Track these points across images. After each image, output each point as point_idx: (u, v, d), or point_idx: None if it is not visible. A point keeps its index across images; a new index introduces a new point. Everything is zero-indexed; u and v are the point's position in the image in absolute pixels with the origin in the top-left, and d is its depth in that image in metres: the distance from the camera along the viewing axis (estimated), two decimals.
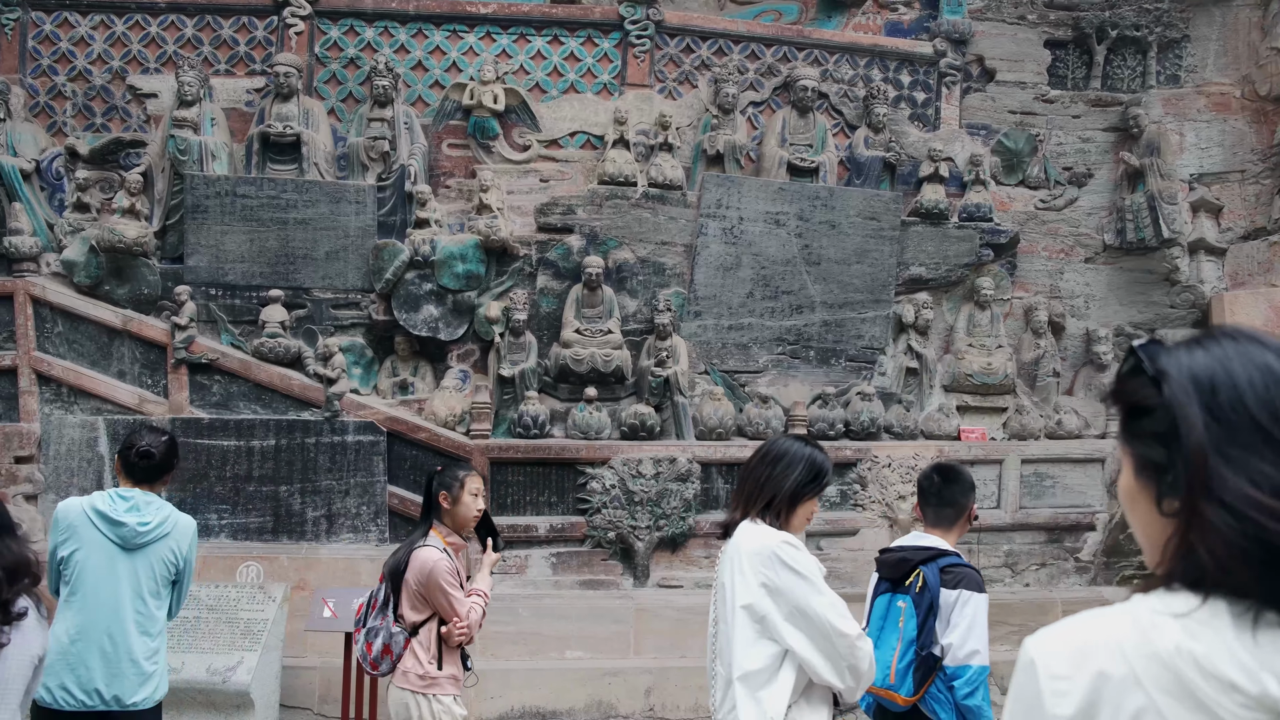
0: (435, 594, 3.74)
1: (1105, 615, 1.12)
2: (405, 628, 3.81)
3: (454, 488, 3.94)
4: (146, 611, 3.57)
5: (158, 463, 3.71)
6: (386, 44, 7.37)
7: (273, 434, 6.74)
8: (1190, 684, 1.02)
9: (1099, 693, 1.07)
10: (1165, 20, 8.29)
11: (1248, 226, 8.08)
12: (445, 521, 3.96)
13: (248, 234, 6.88)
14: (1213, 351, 1.12)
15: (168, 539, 3.65)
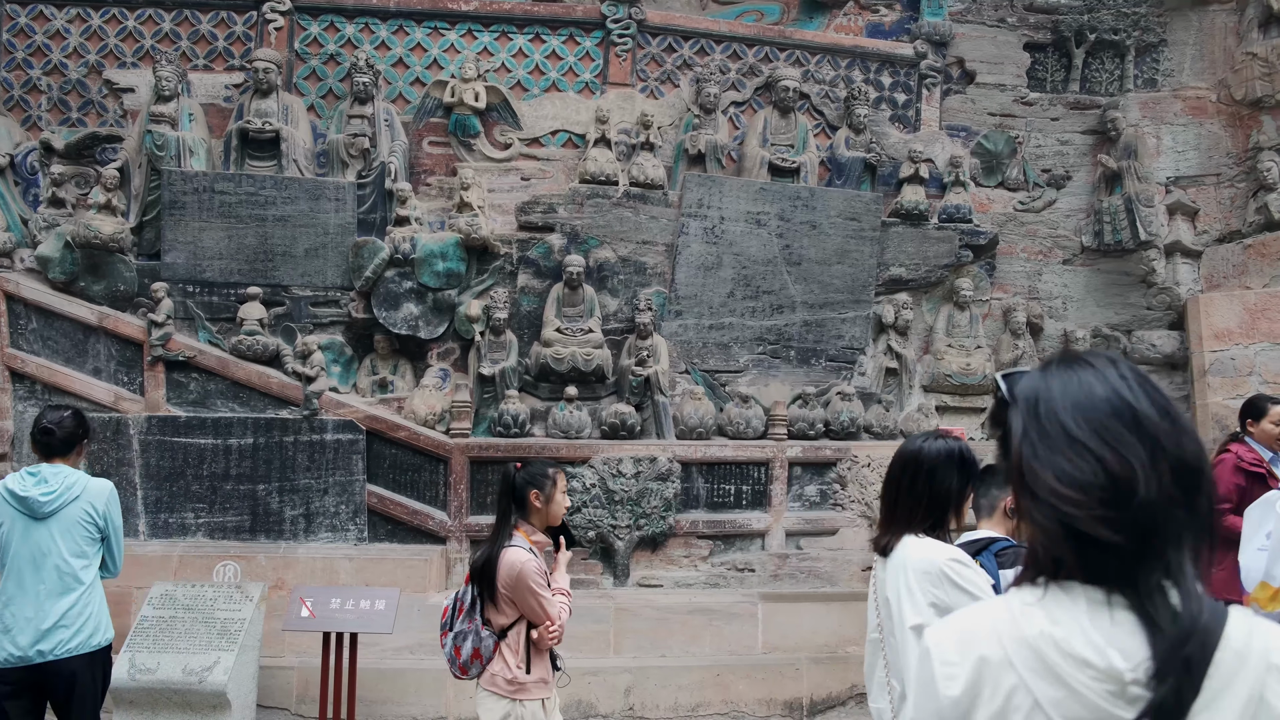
0: (525, 596, 3.63)
1: (987, 607, 1.30)
2: (494, 631, 3.71)
3: (546, 486, 3.81)
4: (71, 571, 3.91)
5: (60, 437, 4.02)
6: (367, 40, 7.33)
7: (251, 432, 6.69)
8: (1051, 663, 1.19)
9: (980, 674, 1.24)
10: (1143, 24, 8.36)
11: (1223, 229, 8.16)
12: (532, 520, 3.83)
13: (226, 231, 6.83)
14: (1047, 373, 1.34)
15: (78, 502, 3.96)
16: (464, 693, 6.18)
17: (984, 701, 1.23)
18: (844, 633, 6.93)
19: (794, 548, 7.31)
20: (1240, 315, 7.57)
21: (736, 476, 7.26)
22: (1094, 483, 1.23)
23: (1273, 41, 7.81)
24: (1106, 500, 1.22)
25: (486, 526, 6.81)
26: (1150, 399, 1.27)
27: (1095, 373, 1.30)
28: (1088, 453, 1.24)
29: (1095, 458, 1.24)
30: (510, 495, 3.83)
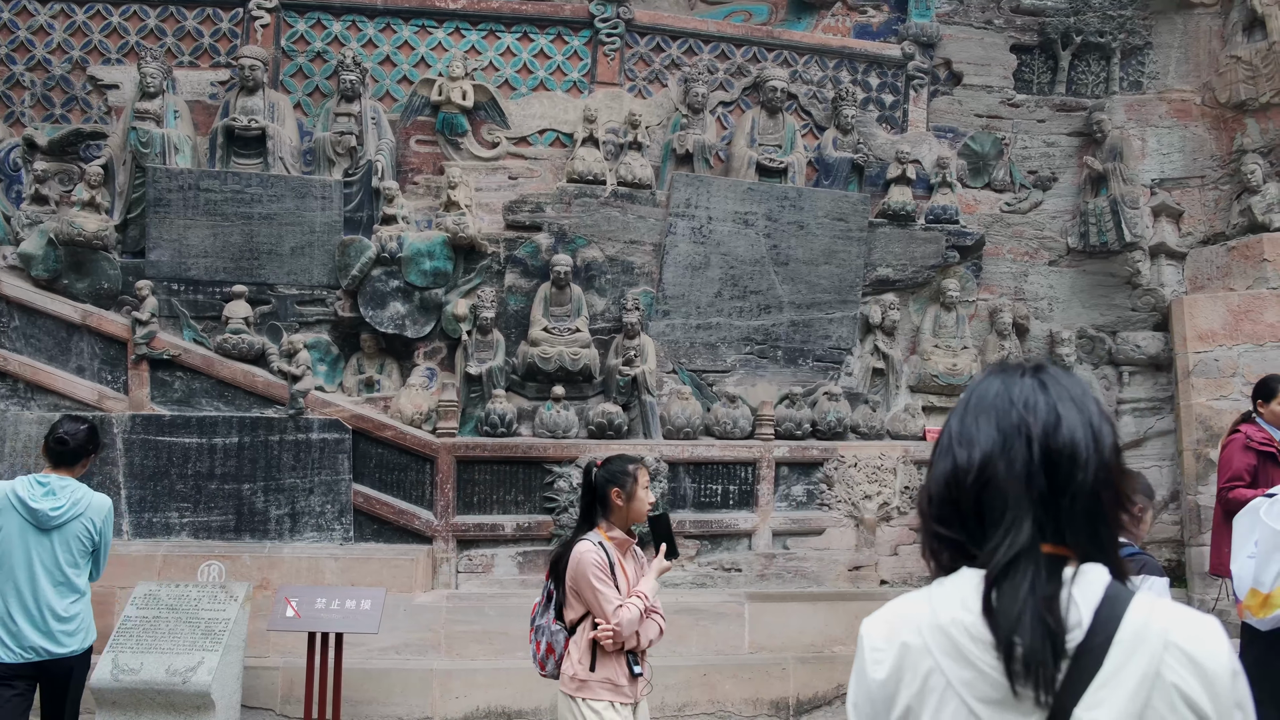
0: (583, 588, 3.58)
1: (912, 597, 1.40)
2: (566, 626, 3.69)
3: (627, 483, 3.71)
4: (66, 580, 4.20)
5: (72, 449, 4.30)
6: (354, 38, 7.30)
7: (236, 431, 6.65)
8: (961, 646, 1.29)
9: (903, 659, 1.34)
10: (1129, 27, 8.40)
11: (1207, 231, 8.21)
12: (613, 518, 3.74)
13: (211, 228, 6.79)
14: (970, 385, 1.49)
15: (81, 518, 4.24)
16: (449, 693, 6.17)
17: (905, 684, 1.33)
18: (830, 632, 6.95)
19: (781, 548, 7.32)
20: (1224, 317, 7.62)
21: (723, 476, 7.27)
22: (936, 479, 1.40)
23: (1256, 45, 7.86)
24: (942, 494, 1.39)
25: (474, 526, 6.80)
26: (1043, 391, 1.37)
27: (1003, 376, 1.43)
28: (946, 453, 1.40)
29: (952, 455, 1.39)
30: (591, 493, 3.78)
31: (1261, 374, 7.37)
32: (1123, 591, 1.30)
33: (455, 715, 6.17)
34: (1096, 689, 1.23)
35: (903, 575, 7.48)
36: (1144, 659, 1.24)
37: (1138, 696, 1.22)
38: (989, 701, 1.27)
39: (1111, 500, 1.35)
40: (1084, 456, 1.32)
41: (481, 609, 6.55)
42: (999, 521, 1.31)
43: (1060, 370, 1.43)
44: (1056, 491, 1.31)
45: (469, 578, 6.81)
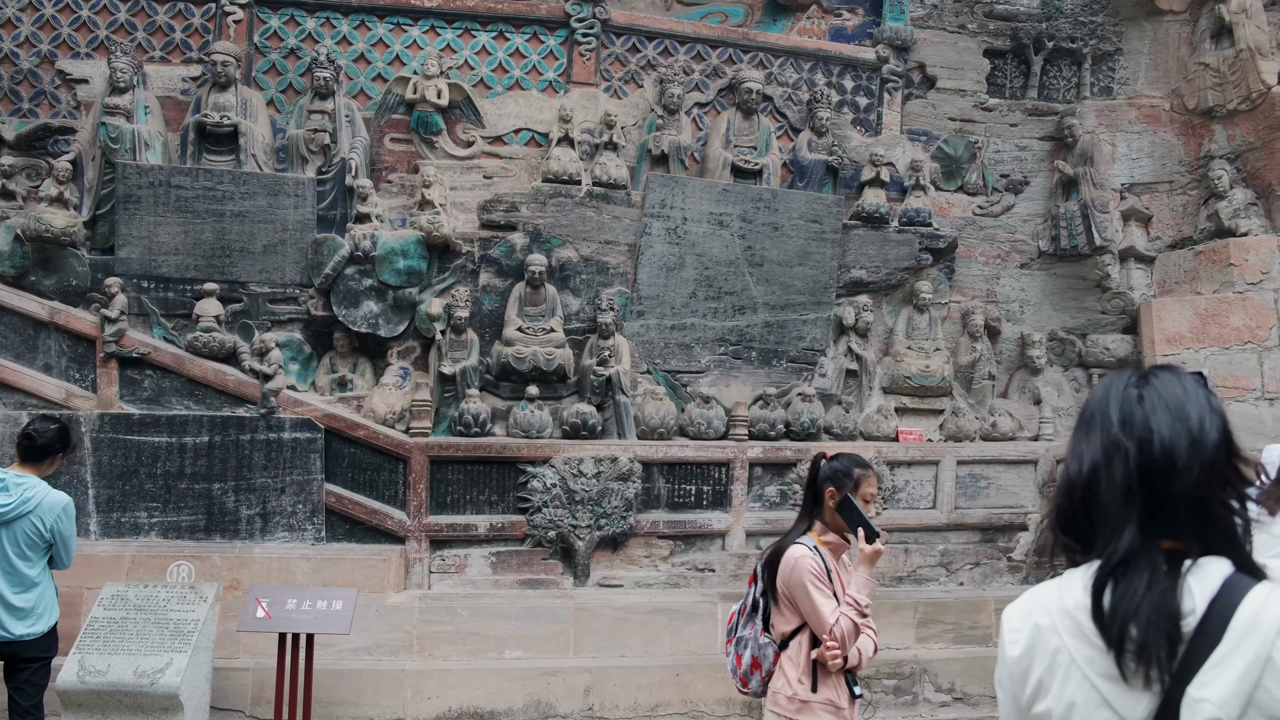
0: (798, 595, 3.32)
1: (1046, 585, 1.57)
2: (775, 639, 3.41)
3: (845, 486, 3.43)
4: (15, 572, 4.37)
5: (39, 445, 4.48)
6: (328, 35, 7.25)
7: (206, 430, 6.59)
8: (1083, 627, 1.45)
9: (1035, 638, 1.52)
10: (1099, 34, 8.50)
11: (1175, 236, 8.32)
12: (826, 518, 3.48)
13: (182, 225, 6.73)
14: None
15: (31, 515, 4.38)
16: (421, 693, 6.15)
17: (1038, 660, 1.51)
18: None
19: (754, 548, 7.34)
20: (1191, 320, 7.72)
21: (697, 477, 7.28)
22: (1058, 492, 1.57)
23: (1224, 52, 7.97)
24: (1063, 504, 1.55)
25: (447, 526, 6.78)
26: (1140, 403, 1.50)
27: (1108, 388, 1.57)
28: (1065, 467, 1.57)
29: (1066, 469, 1.56)
30: (813, 487, 3.51)
31: (1228, 376, 7.50)
32: (1242, 581, 1.39)
33: (427, 716, 6.14)
34: (1209, 669, 1.34)
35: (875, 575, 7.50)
36: (1256, 643, 1.33)
37: (1248, 676, 1.32)
38: (1108, 677, 1.42)
39: (1221, 497, 1.45)
40: (1182, 464, 1.43)
41: (454, 609, 6.53)
42: (1104, 529, 1.47)
43: (1165, 375, 1.55)
44: (1161, 498, 1.44)
45: (442, 578, 6.78)
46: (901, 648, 7.07)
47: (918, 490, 7.77)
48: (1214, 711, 1.32)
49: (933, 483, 7.80)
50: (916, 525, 7.70)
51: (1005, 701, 1.60)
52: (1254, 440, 7.34)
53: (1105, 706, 1.41)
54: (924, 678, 6.89)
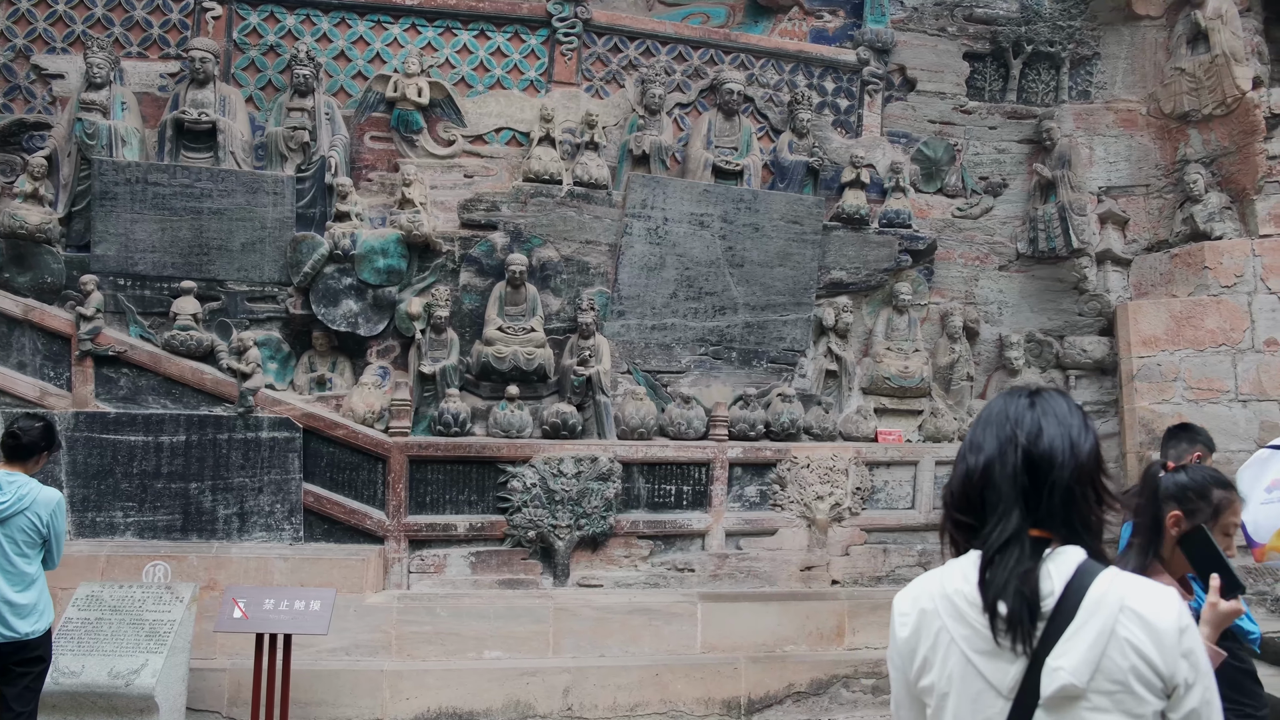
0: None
1: (931, 574, 1.77)
2: None
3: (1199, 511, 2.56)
4: (15, 570, 4.33)
5: (24, 444, 4.47)
6: (308, 32, 7.21)
7: (183, 429, 6.54)
8: (960, 609, 1.66)
9: (921, 621, 1.72)
10: (1077, 38, 8.57)
11: (1151, 239, 8.40)
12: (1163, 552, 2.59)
13: (159, 223, 6.67)
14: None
15: (27, 512, 4.36)
16: (400, 694, 6.12)
17: (923, 640, 1.70)
18: (782, 632, 7.00)
19: (734, 548, 7.36)
20: (1166, 322, 7.80)
21: (677, 477, 7.29)
22: (956, 478, 1.78)
23: (1199, 58, 8.05)
24: (959, 490, 1.76)
25: (426, 526, 6.76)
26: (1031, 409, 1.74)
27: (1006, 398, 1.81)
28: (962, 459, 1.78)
29: (965, 460, 1.77)
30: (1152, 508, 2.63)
31: (1203, 378, 7.57)
32: (1093, 566, 1.62)
33: (405, 716, 6.12)
34: (1064, 642, 1.56)
35: (854, 575, 7.55)
36: (1102, 619, 1.55)
37: (1096, 647, 1.54)
38: (981, 652, 1.62)
39: (1087, 495, 1.69)
40: (1060, 460, 1.67)
41: (433, 609, 6.51)
42: (995, 511, 1.67)
43: (1052, 392, 1.79)
44: (1038, 487, 1.67)
45: (421, 578, 6.76)
46: (880, 647, 7.10)
47: (896, 490, 7.81)
48: (1068, 678, 1.54)
49: (911, 483, 7.84)
50: (895, 525, 7.74)
51: (896, 677, 1.79)
52: (1227, 441, 7.43)
53: (979, 677, 1.62)
54: None
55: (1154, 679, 1.54)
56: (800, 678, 6.77)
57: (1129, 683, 1.54)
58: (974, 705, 1.62)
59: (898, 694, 1.81)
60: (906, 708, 1.78)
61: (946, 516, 1.80)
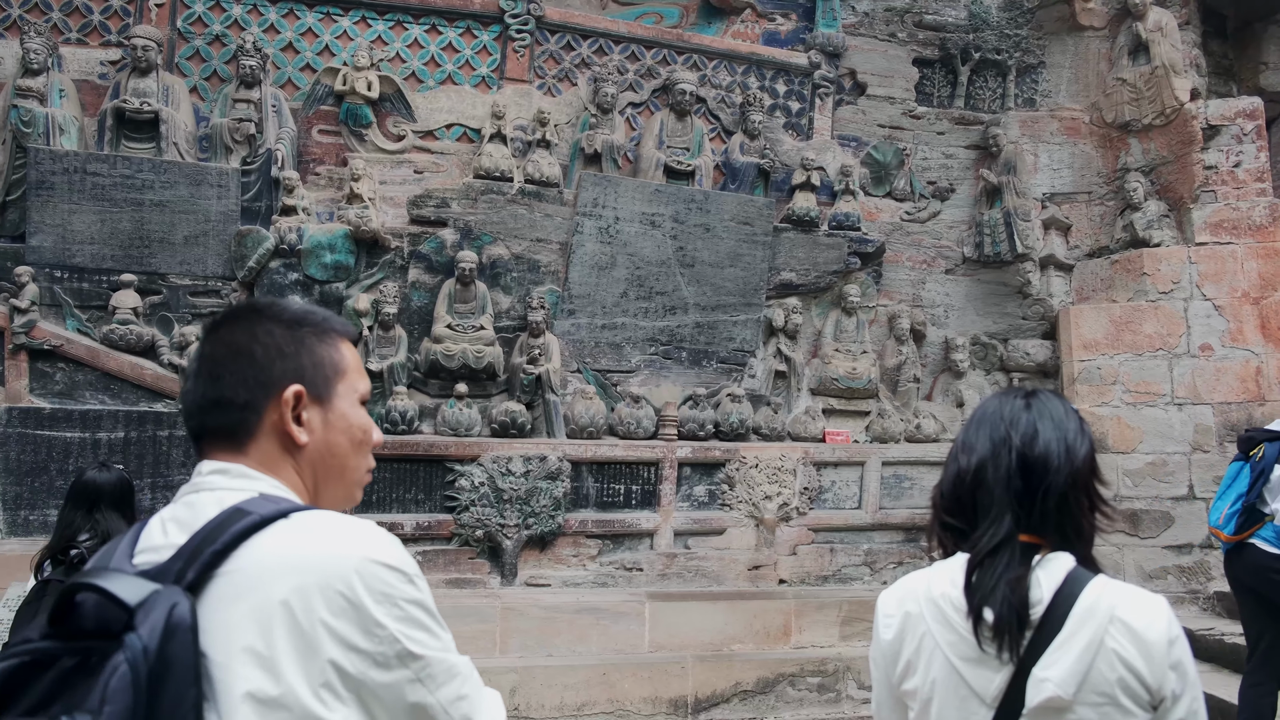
0: None
1: (917, 574, 1.75)
2: None
3: None
4: None
5: None
6: (255, 22, 7.09)
7: (122, 426, 6.39)
8: (946, 615, 1.63)
9: (905, 623, 1.70)
10: (1024, 46, 8.73)
11: (1093, 245, 8.57)
12: None
13: (98, 214, 6.51)
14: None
15: None
16: None
17: (907, 643, 1.68)
18: (730, 631, 7.03)
19: (682, 547, 7.37)
20: (1106, 327, 7.96)
21: (626, 476, 7.29)
22: (946, 478, 1.75)
23: (1140, 69, 8.24)
24: (950, 492, 1.73)
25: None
26: (1027, 410, 1.69)
27: (1000, 398, 1.77)
28: (954, 459, 1.75)
29: (957, 460, 1.73)
30: None
31: (1141, 382, 7.75)
32: (1083, 574, 1.59)
33: None
34: (1051, 652, 1.53)
35: (801, 574, 7.61)
36: (1091, 630, 1.53)
37: (1083, 659, 1.51)
38: (966, 659, 1.59)
39: (1081, 501, 1.65)
40: (1055, 464, 1.63)
41: None
42: (987, 514, 1.64)
43: (1048, 394, 1.75)
44: (1031, 491, 1.63)
45: None
46: (826, 646, 7.17)
47: (844, 490, 7.89)
48: (1054, 690, 1.51)
49: (858, 483, 7.92)
50: (842, 525, 7.81)
51: (879, 679, 1.77)
52: (1163, 444, 7.62)
53: (963, 685, 1.59)
54: (847, 675, 6.99)
55: (1141, 691, 1.52)
56: (747, 676, 6.81)
57: (1116, 695, 1.51)
58: (957, 712, 1.60)
59: (879, 695, 1.79)
60: (888, 708, 1.76)
61: (935, 518, 1.77)
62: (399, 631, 1.20)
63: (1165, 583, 7.33)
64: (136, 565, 1.23)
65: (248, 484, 1.33)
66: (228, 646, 1.13)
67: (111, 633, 1.07)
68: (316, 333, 1.40)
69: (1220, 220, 7.95)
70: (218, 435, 1.38)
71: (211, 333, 1.39)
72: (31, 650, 1.08)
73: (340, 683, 1.17)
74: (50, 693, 1.06)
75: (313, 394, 1.37)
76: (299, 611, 1.15)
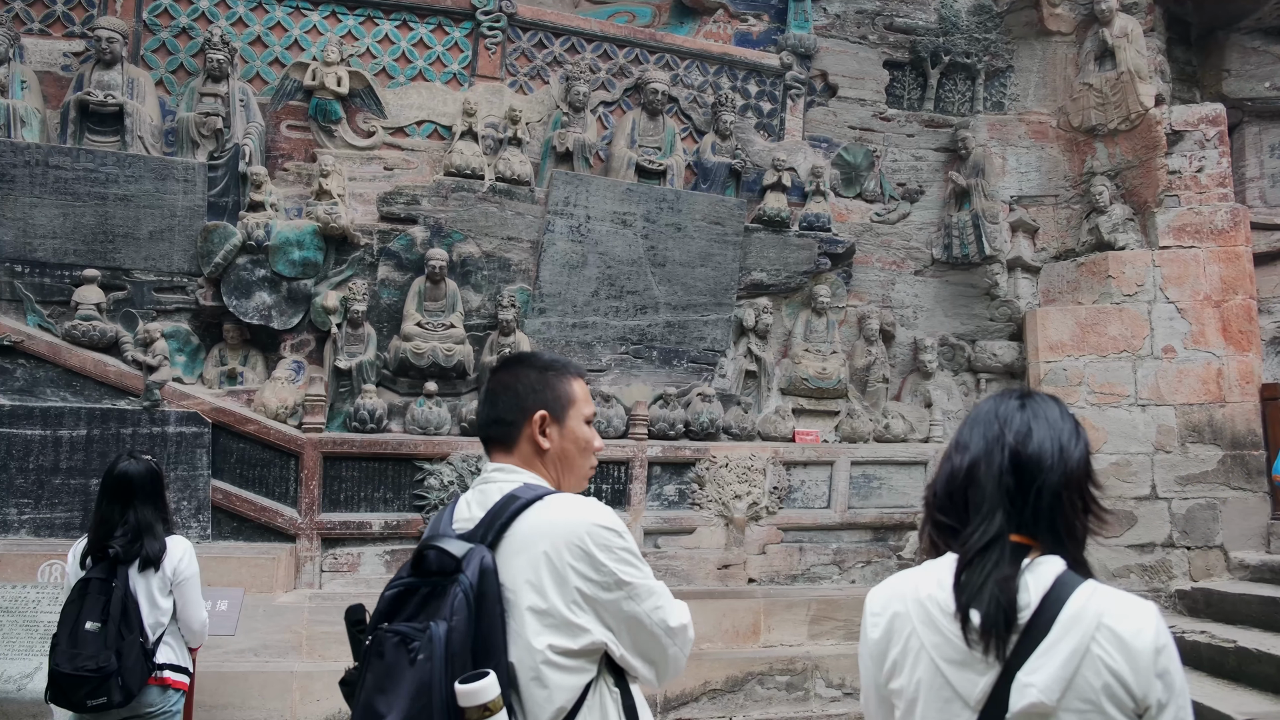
0: None
1: (905, 574, 1.74)
2: None
3: None
4: None
5: None
6: (223, 15, 7.00)
7: (84, 423, 6.29)
8: (933, 616, 1.63)
9: (892, 624, 1.69)
10: (993, 50, 8.81)
11: (1059, 248, 8.67)
12: None
13: (61, 208, 6.40)
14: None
15: None
16: (310, 695, 5.99)
17: (894, 643, 1.68)
18: (699, 630, 6.98)
19: (652, 546, 7.37)
20: (1072, 329, 8.06)
21: (596, 475, 7.26)
22: (940, 477, 1.74)
23: (1106, 74, 8.35)
24: (943, 490, 1.72)
25: (340, 524, 6.62)
26: (1022, 410, 1.70)
27: (996, 398, 1.78)
28: (948, 458, 1.74)
29: (950, 459, 1.73)
30: None
31: (1105, 383, 7.84)
32: (1071, 578, 1.58)
33: (316, 718, 5.99)
34: (1037, 657, 1.52)
35: (770, 573, 7.64)
36: (1077, 636, 1.52)
37: (1069, 665, 1.50)
38: (951, 661, 1.60)
39: (1074, 503, 1.65)
40: (1048, 463, 1.63)
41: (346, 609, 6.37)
42: (979, 512, 1.63)
43: (1044, 397, 1.76)
44: (1024, 490, 1.62)
45: (334, 577, 6.63)
46: (794, 644, 7.20)
47: (813, 490, 7.93)
48: (1038, 695, 1.51)
49: (828, 483, 7.96)
50: (811, 524, 7.85)
51: (866, 678, 1.79)
52: (1126, 444, 7.72)
53: (947, 687, 1.60)
54: (815, 674, 7.03)
55: (1126, 699, 1.51)
56: (716, 675, 6.82)
57: (1100, 703, 1.50)
58: (940, 714, 1.60)
59: (867, 693, 1.80)
60: (875, 706, 1.78)
61: (927, 516, 1.76)
62: (615, 568, 1.84)
63: (1128, 581, 7.43)
64: (455, 529, 1.92)
65: (515, 476, 1.98)
66: (514, 580, 1.81)
67: (447, 572, 1.77)
68: (557, 375, 2.08)
69: (1183, 224, 8.08)
70: (497, 442, 2.05)
71: (494, 373, 2.11)
72: (404, 583, 1.81)
73: (582, 600, 1.82)
74: (417, 608, 1.77)
75: (553, 416, 2.04)
76: (554, 557, 1.81)
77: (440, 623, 1.70)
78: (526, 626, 1.79)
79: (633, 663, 1.90)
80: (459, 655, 1.70)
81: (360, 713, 1.76)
